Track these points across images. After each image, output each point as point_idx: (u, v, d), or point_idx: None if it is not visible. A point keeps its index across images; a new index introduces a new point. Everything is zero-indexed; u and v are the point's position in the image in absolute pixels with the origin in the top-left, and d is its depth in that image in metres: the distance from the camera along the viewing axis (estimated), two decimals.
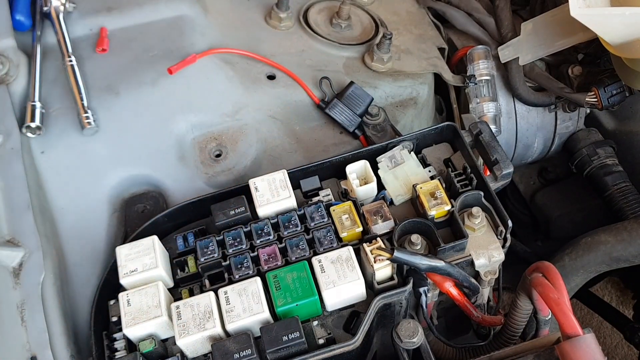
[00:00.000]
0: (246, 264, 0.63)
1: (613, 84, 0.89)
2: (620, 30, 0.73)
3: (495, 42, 0.98)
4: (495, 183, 0.69)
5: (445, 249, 0.62)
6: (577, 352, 0.53)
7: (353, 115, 0.83)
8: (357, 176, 0.68)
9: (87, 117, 0.78)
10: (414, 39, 0.99)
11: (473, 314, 0.65)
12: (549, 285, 0.57)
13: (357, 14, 0.99)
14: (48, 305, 0.67)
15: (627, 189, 0.96)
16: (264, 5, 0.98)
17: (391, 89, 0.90)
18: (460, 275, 0.62)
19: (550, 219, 1.06)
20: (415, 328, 0.59)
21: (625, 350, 1.43)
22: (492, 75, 0.95)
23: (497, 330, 0.69)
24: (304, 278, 0.60)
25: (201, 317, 0.58)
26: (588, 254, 0.88)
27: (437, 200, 0.64)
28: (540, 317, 0.65)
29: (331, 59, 0.91)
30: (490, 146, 0.69)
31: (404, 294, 0.62)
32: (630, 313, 1.27)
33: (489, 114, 0.93)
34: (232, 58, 0.88)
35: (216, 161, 0.79)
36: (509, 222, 0.63)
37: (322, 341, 0.60)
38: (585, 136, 1.03)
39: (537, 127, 1.02)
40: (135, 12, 0.89)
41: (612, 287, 1.53)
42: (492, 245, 0.64)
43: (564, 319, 0.54)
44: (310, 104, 0.86)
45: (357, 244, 0.63)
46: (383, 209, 0.65)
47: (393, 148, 0.70)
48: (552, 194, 1.09)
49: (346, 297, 0.61)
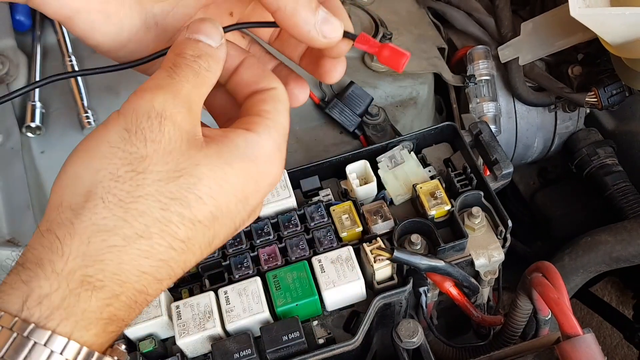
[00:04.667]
0: (246, 264, 0.63)
1: (613, 84, 0.89)
2: (620, 31, 0.73)
3: (495, 42, 0.98)
4: (495, 183, 0.69)
5: (445, 248, 0.62)
6: (576, 352, 0.53)
7: (353, 115, 0.83)
8: (357, 176, 0.68)
9: (87, 117, 0.78)
10: (414, 39, 0.99)
11: (473, 313, 0.65)
12: (548, 285, 0.57)
13: (356, 14, 0.99)
14: None
15: (627, 189, 0.96)
16: None
17: (391, 88, 0.90)
18: (460, 275, 0.62)
19: (550, 219, 1.06)
20: (415, 328, 0.59)
21: (625, 350, 1.43)
22: (492, 75, 0.95)
23: (497, 330, 0.69)
24: (304, 278, 0.60)
25: (201, 317, 0.58)
26: (588, 253, 0.88)
27: (437, 200, 0.64)
28: (540, 317, 0.65)
29: None
30: (490, 146, 0.69)
31: (403, 294, 0.62)
32: (630, 313, 1.27)
33: (488, 113, 0.93)
34: None
35: None
36: (509, 222, 0.63)
37: (322, 341, 0.60)
38: (585, 136, 1.03)
39: (537, 127, 1.02)
40: None
41: (612, 287, 1.53)
42: (492, 245, 0.64)
43: (563, 318, 0.54)
44: (310, 104, 0.86)
45: (357, 243, 0.63)
46: (383, 208, 0.65)
47: (393, 148, 0.70)
48: (552, 193, 1.09)
49: (346, 296, 0.61)
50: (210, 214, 0.43)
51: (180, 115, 0.43)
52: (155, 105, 0.42)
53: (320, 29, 0.47)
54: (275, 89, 0.49)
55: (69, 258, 0.38)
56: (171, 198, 0.41)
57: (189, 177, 0.41)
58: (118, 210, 0.39)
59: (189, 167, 0.42)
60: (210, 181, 0.42)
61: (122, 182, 0.40)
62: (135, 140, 0.41)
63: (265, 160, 0.45)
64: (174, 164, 0.41)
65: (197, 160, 0.42)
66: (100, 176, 0.40)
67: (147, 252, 0.40)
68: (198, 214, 0.42)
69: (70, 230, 0.39)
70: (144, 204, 0.40)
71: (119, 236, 0.39)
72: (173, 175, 0.41)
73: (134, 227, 0.40)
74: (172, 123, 0.42)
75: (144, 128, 0.41)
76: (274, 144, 0.46)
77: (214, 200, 0.42)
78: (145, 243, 0.40)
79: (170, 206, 0.41)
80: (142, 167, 0.40)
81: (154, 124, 0.41)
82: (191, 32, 0.46)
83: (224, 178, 0.43)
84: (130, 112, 0.42)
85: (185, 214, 0.41)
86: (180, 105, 0.43)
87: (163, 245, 0.41)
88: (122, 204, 0.40)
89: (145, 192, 0.40)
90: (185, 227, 0.41)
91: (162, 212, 0.40)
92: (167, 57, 0.46)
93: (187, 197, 0.41)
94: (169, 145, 0.42)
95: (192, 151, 0.42)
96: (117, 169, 0.40)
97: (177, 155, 0.42)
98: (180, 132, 0.42)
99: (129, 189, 0.40)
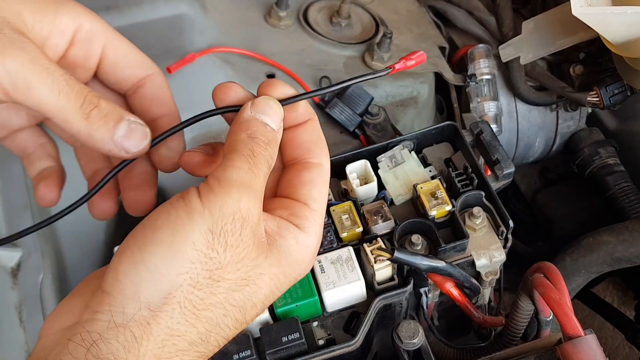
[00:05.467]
0: None
1: (615, 83, 0.89)
2: (622, 30, 0.72)
3: (496, 41, 0.98)
4: (496, 183, 0.69)
5: (446, 249, 0.62)
6: (578, 352, 0.53)
7: (353, 115, 0.83)
8: (357, 176, 0.67)
9: None
10: (415, 38, 0.98)
11: (474, 314, 0.65)
12: (550, 285, 0.56)
13: (357, 13, 0.98)
14: (47, 305, 0.66)
15: (628, 189, 0.96)
16: (263, 4, 0.97)
17: (391, 88, 0.90)
18: (461, 276, 0.61)
19: (551, 219, 1.06)
20: (416, 329, 0.59)
21: (627, 351, 1.43)
22: (493, 74, 0.94)
23: (498, 331, 0.68)
24: (304, 278, 0.60)
25: None
26: (589, 254, 0.88)
27: (438, 200, 0.64)
28: (541, 318, 0.64)
29: (331, 58, 0.91)
30: (491, 146, 0.69)
31: (404, 295, 0.62)
32: (632, 314, 1.27)
33: (489, 113, 0.93)
34: (231, 57, 0.87)
35: None
36: (510, 222, 0.63)
37: (322, 342, 0.60)
38: (587, 136, 1.02)
39: (538, 126, 1.02)
40: (134, 11, 0.88)
41: (613, 288, 1.53)
42: (493, 246, 0.64)
43: (565, 319, 0.54)
44: (311, 103, 0.86)
45: (357, 244, 0.63)
46: (383, 209, 0.65)
47: (393, 148, 0.70)
48: (554, 193, 1.08)
49: (346, 297, 0.61)
50: (256, 314, 0.45)
51: (256, 217, 0.43)
52: (241, 206, 0.42)
53: (120, 145, 0.47)
54: (322, 166, 0.48)
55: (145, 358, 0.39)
56: (234, 305, 0.42)
57: (253, 286, 0.43)
58: (191, 317, 0.41)
59: (254, 277, 0.43)
60: (267, 290, 0.44)
61: (199, 289, 0.41)
62: (216, 245, 0.41)
63: (308, 262, 0.47)
64: (244, 272, 0.42)
65: (262, 269, 0.43)
66: (181, 280, 0.40)
67: (203, 354, 0.42)
68: (248, 318, 0.44)
69: (147, 330, 0.39)
70: (212, 311, 0.42)
71: (187, 341, 0.41)
72: (241, 284, 0.42)
73: (199, 333, 0.41)
74: (250, 227, 0.42)
75: (227, 232, 0.41)
76: (317, 239, 0.48)
77: (263, 306, 0.45)
78: (203, 347, 0.42)
79: (230, 312, 0.42)
80: (218, 274, 0.41)
81: (236, 227, 0.41)
82: (258, 112, 0.45)
83: (278, 288, 0.45)
84: (216, 211, 0.41)
85: (240, 318, 0.43)
86: (259, 205, 0.43)
87: (215, 346, 0.43)
88: (195, 310, 0.41)
89: (216, 300, 0.42)
90: (235, 330, 0.44)
91: (224, 318, 0.42)
92: (241, 140, 0.44)
93: (246, 304, 0.43)
94: (243, 251, 0.42)
95: (259, 259, 0.43)
96: (197, 275, 0.40)
97: (248, 262, 0.42)
98: (254, 236, 0.43)
99: (203, 296, 0.41)
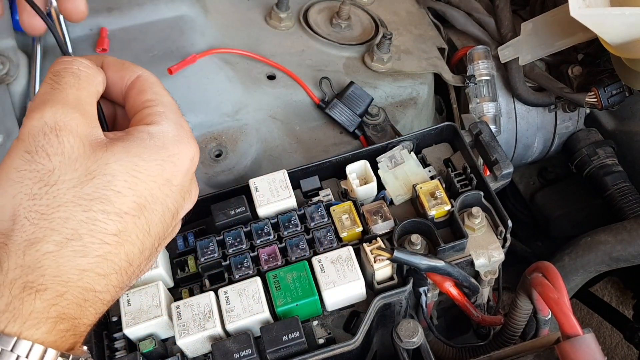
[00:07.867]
0: (246, 264, 0.63)
1: (613, 84, 0.89)
2: (620, 31, 0.73)
3: (495, 42, 0.98)
4: (495, 183, 0.69)
5: (445, 249, 0.62)
6: (577, 352, 0.53)
7: (353, 115, 0.83)
8: (357, 176, 0.68)
9: None
10: (414, 39, 0.99)
11: (473, 313, 0.65)
12: (548, 285, 0.57)
13: (357, 14, 0.99)
14: None
15: (626, 189, 0.96)
16: (264, 5, 0.98)
17: (391, 89, 0.90)
18: (460, 275, 0.62)
19: (550, 219, 1.07)
20: (415, 328, 0.59)
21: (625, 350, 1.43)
22: (492, 75, 0.95)
23: (497, 330, 0.69)
24: (304, 278, 0.60)
25: (201, 317, 0.58)
26: (588, 253, 0.88)
27: (437, 200, 0.64)
28: (540, 317, 0.65)
29: (331, 59, 0.92)
30: (490, 146, 0.69)
31: (404, 294, 0.62)
32: (630, 313, 1.27)
33: (488, 114, 0.93)
34: (232, 58, 0.88)
35: (216, 161, 0.79)
36: (508, 222, 0.63)
37: (322, 341, 0.60)
38: (585, 136, 1.03)
39: (537, 127, 1.02)
40: (135, 12, 0.89)
41: (612, 287, 1.54)
42: (492, 245, 0.64)
43: (563, 318, 0.54)
44: (310, 104, 0.86)
45: (357, 244, 0.63)
46: (383, 209, 0.65)
47: (393, 148, 0.70)
48: (552, 194, 1.09)
49: (346, 297, 0.61)
50: (134, 203, 0.45)
51: (74, 121, 0.45)
52: (46, 120, 0.44)
53: None
54: (141, 76, 0.52)
55: (8, 271, 0.41)
56: (90, 199, 0.43)
57: (102, 176, 0.44)
58: (44, 223, 0.42)
59: (100, 168, 0.44)
60: (124, 175, 0.45)
61: (39, 198, 0.43)
62: (38, 158, 0.43)
63: (174, 143, 0.48)
64: (84, 168, 0.44)
65: (105, 159, 0.45)
66: (18, 199, 0.43)
67: (82, 252, 0.43)
68: (122, 206, 0.44)
69: (6, 250, 0.42)
70: (65, 211, 0.43)
71: (50, 243, 0.42)
72: (86, 179, 0.44)
73: (62, 233, 0.42)
74: (69, 131, 0.44)
75: (43, 145, 0.44)
76: (174, 125, 0.49)
77: (133, 191, 0.45)
78: (77, 244, 0.43)
79: (91, 206, 0.43)
80: (53, 179, 0.43)
81: (51, 138, 0.44)
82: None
83: (137, 169, 0.46)
84: (26, 135, 0.44)
85: (109, 209, 0.44)
86: (71, 111, 0.45)
87: (95, 242, 0.43)
88: (45, 216, 0.42)
89: (64, 200, 0.43)
90: (113, 222, 0.44)
91: (86, 214, 0.43)
92: (47, 76, 0.48)
93: (106, 194, 0.44)
94: (72, 153, 0.44)
95: (98, 153, 0.45)
96: (31, 189, 0.43)
97: (84, 160, 0.44)
98: (80, 137, 0.45)
99: (48, 202, 0.43)
